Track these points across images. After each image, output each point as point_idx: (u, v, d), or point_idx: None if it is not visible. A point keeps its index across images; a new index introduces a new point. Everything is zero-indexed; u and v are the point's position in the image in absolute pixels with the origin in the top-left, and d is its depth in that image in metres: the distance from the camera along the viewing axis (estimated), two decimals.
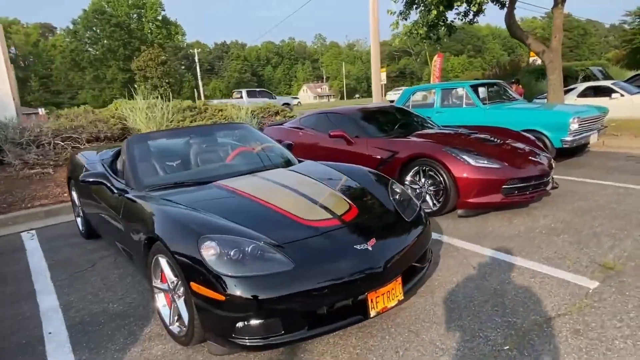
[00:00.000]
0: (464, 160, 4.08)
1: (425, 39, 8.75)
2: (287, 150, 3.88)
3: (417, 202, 2.97)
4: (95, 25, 65.06)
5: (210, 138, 3.87)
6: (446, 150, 4.19)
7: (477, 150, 4.35)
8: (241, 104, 9.69)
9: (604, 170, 6.01)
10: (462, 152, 4.15)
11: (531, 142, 4.91)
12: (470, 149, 4.35)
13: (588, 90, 11.09)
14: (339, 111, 5.72)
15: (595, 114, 6.33)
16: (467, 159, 4.09)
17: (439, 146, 4.31)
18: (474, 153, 4.19)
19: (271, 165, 3.46)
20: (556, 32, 9.27)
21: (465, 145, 4.48)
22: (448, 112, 7.29)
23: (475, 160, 4.09)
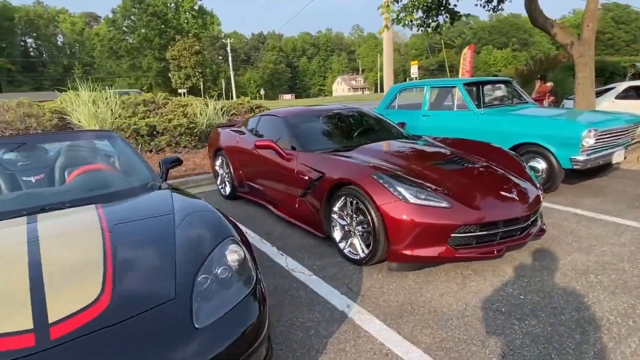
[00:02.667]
0: (398, 193, 2.86)
1: (421, 27, 7.37)
2: (152, 175, 2.83)
3: (254, 283, 1.84)
4: (133, 14, 66.40)
5: (37, 152, 2.87)
6: (376, 178, 2.98)
7: (426, 178, 3.11)
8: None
9: (627, 201, 4.54)
10: (399, 182, 2.93)
11: (516, 166, 3.58)
12: (413, 176, 3.11)
13: (630, 91, 9.27)
14: (277, 113, 4.58)
15: (622, 125, 4.82)
16: (403, 191, 2.86)
17: (369, 170, 3.09)
18: (415, 183, 2.96)
19: (81, 201, 2.41)
20: (589, 19, 7.61)
21: (413, 169, 3.25)
22: (436, 117, 5.96)
23: (415, 194, 2.86)
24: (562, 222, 3.97)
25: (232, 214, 4.78)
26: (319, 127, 4.31)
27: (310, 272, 3.15)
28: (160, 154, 6.99)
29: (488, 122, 5.27)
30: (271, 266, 3.30)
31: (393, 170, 3.15)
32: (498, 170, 3.42)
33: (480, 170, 3.35)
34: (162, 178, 3.00)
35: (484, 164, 3.49)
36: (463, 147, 3.95)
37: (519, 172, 3.49)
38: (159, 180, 2.86)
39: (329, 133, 4.25)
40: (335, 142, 4.07)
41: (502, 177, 3.29)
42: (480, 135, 5.30)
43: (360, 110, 4.80)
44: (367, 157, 3.54)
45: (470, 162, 3.46)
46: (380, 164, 3.33)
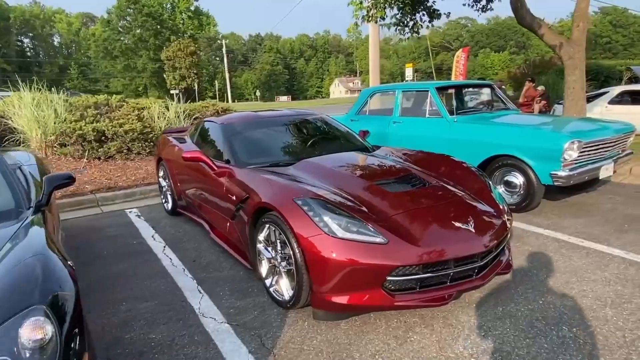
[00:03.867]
0: (324, 224, 2.29)
1: (397, 26, 6.78)
2: None
3: None
4: (128, 14, 65.86)
5: None
6: (299, 204, 2.41)
7: (365, 202, 2.54)
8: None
9: (616, 222, 3.97)
10: (327, 210, 2.35)
11: (478, 186, 3.01)
12: (350, 200, 2.54)
13: (624, 96, 8.73)
14: (217, 119, 4.00)
15: (610, 136, 4.25)
16: (330, 222, 2.29)
17: (293, 193, 2.52)
18: (348, 211, 2.38)
19: None
20: (579, 19, 7.06)
21: (352, 191, 2.67)
22: (407, 124, 5.39)
23: (345, 226, 2.28)
24: (539, 250, 3.40)
25: (167, 232, 4.22)
26: (260, 136, 3.73)
27: (223, 319, 2.57)
28: (109, 162, 6.41)
29: (461, 130, 4.71)
30: (179, 309, 2.72)
31: (326, 192, 2.58)
32: (455, 192, 2.85)
33: (433, 192, 2.77)
34: (42, 201, 2.40)
35: (440, 184, 2.92)
36: (421, 161, 3.38)
37: (481, 193, 2.92)
38: (25, 205, 2.28)
39: (271, 144, 3.67)
40: (276, 155, 3.49)
41: (458, 202, 2.71)
42: (452, 145, 4.74)
43: (316, 117, 4.23)
44: (304, 174, 2.97)
45: (423, 183, 2.88)
46: (314, 183, 2.76)
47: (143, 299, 2.87)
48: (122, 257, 3.63)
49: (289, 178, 2.87)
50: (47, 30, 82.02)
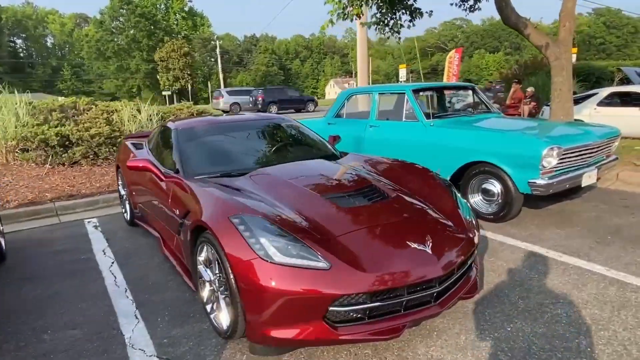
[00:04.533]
0: (260, 246, 2.02)
1: (377, 25, 6.51)
2: None
3: None
4: (121, 15, 65.43)
5: None
6: (235, 222, 2.14)
7: (311, 220, 2.27)
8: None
9: (599, 233, 3.72)
10: (264, 230, 2.08)
11: (443, 198, 2.75)
12: (294, 218, 2.27)
13: (613, 98, 8.51)
14: (172, 125, 3.71)
15: (593, 141, 4.00)
16: (267, 244, 2.02)
17: (229, 210, 2.25)
18: (290, 230, 2.11)
19: None
20: (566, 18, 6.82)
21: (301, 206, 2.40)
22: (384, 128, 5.13)
23: (284, 248, 2.01)
24: (513, 266, 3.14)
25: (120, 246, 3.94)
26: (215, 143, 3.45)
27: (153, 351, 2.29)
28: (74, 168, 6.11)
29: (437, 135, 4.45)
30: (108, 338, 2.43)
31: (270, 208, 2.31)
32: (416, 206, 2.58)
33: (391, 207, 2.51)
34: None
35: (400, 197, 2.65)
36: (386, 170, 3.11)
37: (446, 205, 2.66)
38: None
39: (226, 152, 3.39)
40: (229, 163, 3.21)
41: (417, 218, 2.45)
42: (428, 150, 4.49)
43: (281, 122, 3.95)
44: (254, 185, 2.70)
45: (382, 195, 2.61)
46: (262, 197, 2.49)
47: (72, 325, 2.58)
48: (63, 276, 3.34)
49: (234, 191, 2.60)
50: (40, 31, 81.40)
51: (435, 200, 2.69)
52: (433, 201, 2.69)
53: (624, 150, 6.50)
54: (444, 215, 2.57)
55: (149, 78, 66.56)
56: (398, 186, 2.84)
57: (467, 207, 2.78)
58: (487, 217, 4.10)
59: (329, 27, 5.58)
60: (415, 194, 2.75)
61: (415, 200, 2.66)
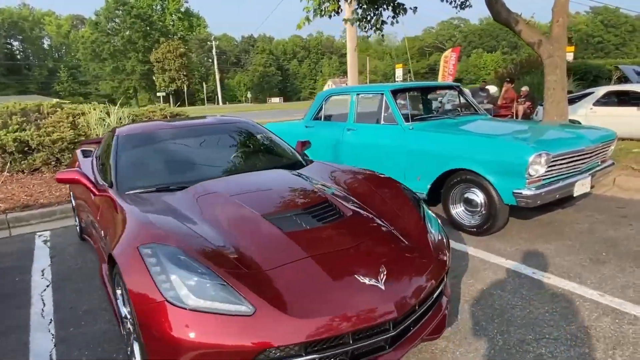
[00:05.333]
0: (169, 285, 1.64)
1: (359, 22, 6.13)
2: None
3: None
4: (117, 16, 65.09)
5: None
6: (144, 254, 1.76)
7: (242, 248, 1.89)
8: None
9: (592, 249, 3.34)
10: (179, 264, 1.71)
11: (409, 215, 2.37)
12: (223, 246, 1.89)
13: (610, 97, 8.14)
14: (117, 130, 3.31)
15: (586, 146, 3.61)
16: (179, 282, 1.65)
17: (141, 238, 1.88)
18: (209, 265, 1.73)
19: None
20: (559, 14, 6.46)
21: (237, 230, 2.02)
22: (362, 131, 4.75)
23: (201, 288, 1.64)
24: (494, 290, 2.76)
25: (63, 265, 3.56)
26: (158, 152, 3.07)
27: None
28: (34, 175, 5.73)
29: (417, 139, 4.07)
30: None
31: (193, 235, 1.93)
32: (374, 226, 2.20)
33: (343, 229, 2.12)
34: None
35: (357, 215, 2.27)
36: (348, 182, 2.73)
37: (410, 224, 2.28)
38: None
39: (169, 162, 3.01)
40: (169, 175, 2.84)
41: (373, 242, 2.07)
42: (407, 156, 4.12)
43: (241, 126, 3.57)
44: (189, 202, 2.32)
45: (335, 215, 2.23)
46: (192, 218, 2.12)
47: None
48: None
49: (164, 210, 2.22)
50: (36, 33, 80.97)
51: (399, 217, 2.32)
52: (397, 218, 2.31)
53: (621, 153, 6.13)
54: (408, 235, 2.19)
55: (145, 79, 66.26)
56: (359, 201, 2.47)
57: (437, 223, 2.41)
58: (470, 230, 3.73)
59: (306, 24, 5.21)
60: (377, 211, 2.37)
61: (375, 218, 2.29)
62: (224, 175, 2.81)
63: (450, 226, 3.94)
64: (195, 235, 1.93)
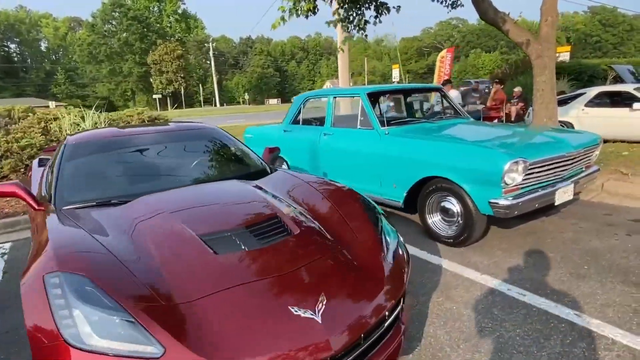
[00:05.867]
0: (70, 322, 1.45)
1: (341, 22, 5.92)
2: None
3: None
4: (113, 18, 64.94)
5: None
6: (48, 285, 1.56)
7: (165, 275, 1.69)
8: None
9: (574, 262, 3.14)
10: (85, 298, 1.51)
11: (363, 232, 2.16)
12: (145, 273, 1.69)
13: (602, 97, 7.95)
14: (67, 138, 3.12)
15: (567, 152, 3.41)
16: (81, 319, 1.45)
17: (50, 265, 1.67)
18: (118, 299, 1.53)
19: None
20: (548, 12, 6.27)
21: (163, 253, 1.82)
22: (338, 136, 4.55)
23: (104, 325, 1.44)
24: (465, 310, 2.56)
25: (13, 283, 3.33)
26: (106, 162, 2.86)
27: None
28: None
29: (392, 145, 3.87)
30: None
31: (113, 262, 1.73)
32: (321, 245, 2.00)
33: (286, 250, 1.92)
34: None
35: (305, 233, 2.06)
36: (305, 194, 2.53)
37: (365, 242, 2.08)
38: None
39: (115, 173, 2.80)
40: (112, 188, 2.63)
41: (318, 265, 1.86)
42: (382, 162, 3.92)
43: (200, 132, 3.37)
44: (124, 220, 2.12)
45: (281, 233, 2.02)
46: (119, 239, 1.92)
47: None
48: None
49: (88, 230, 2.01)
50: (33, 35, 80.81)
51: (353, 235, 2.12)
52: (350, 236, 2.11)
53: (611, 156, 5.94)
54: (360, 255, 1.99)
55: (142, 81, 66.08)
56: (312, 216, 2.26)
57: (396, 240, 2.21)
58: (446, 241, 3.53)
59: (281, 24, 5.01)
60: (330, 227, 2.17)
61: (325, 236, 2.08)
62: (174, 187, 2.61)
63: (427, 236, 3.75)
64: (113, 261, 1.73)
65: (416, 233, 3.89)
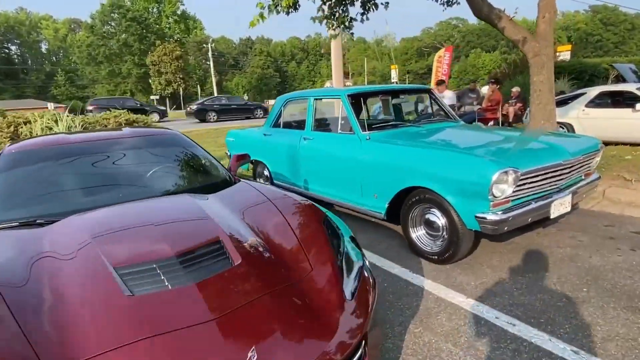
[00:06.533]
0: None
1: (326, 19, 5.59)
2: None
3: None
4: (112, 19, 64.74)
5: None
6: None
7: (46, 329, 1.37)
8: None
9: (573, 282, 2.81)
10: None
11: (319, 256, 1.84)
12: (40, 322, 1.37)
13: (603, 98, 7.61)
14: (5, 147, 2.81)
15: (564, 159, 3.07)
16: None
17: None
18: None
19: None
20: (545, 9, 5.95)
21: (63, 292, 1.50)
22: (318, 141, 4.23)
23: None
24: (444, 343, 2.23)
25: None
26: (41, 174, 2.54)
27: None
28: None
29: (372, 151, 3.54)
30: None
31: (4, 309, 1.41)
32: (264, 278, 1.66)
33: (220, 287, 1.59)
34: None
35: (249, 262, 1.73)
36: (259, 213, 2.20)
37: (318, 275, 1.75)
38: None
39: (52, 186, 2.48)
40: (45, 205, 2.31)
41: (253, 309, 1.53)
42: (363, 170, 3.59)
43: (156, 138, 3.05)
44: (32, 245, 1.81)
45: (220, 262, 1.70)
46: (20, 272, 1.60)
47: None
48: None
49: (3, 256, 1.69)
50: (34, 37, 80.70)
51: (306, 263, 1.79)
52: (302, 264, 1.78)
53: (613, 160, 5.60)
54: (313, 290, 1.67)
55: (141, 82, 65.81)
56: (263, 239, 1.93)
57: (360, 263, 1.89)
58: (431, 258, 3.20)
59: (260, 22, 4.69)
60: (281, 252, 1.84)
61: (271, 266, 1.76)
62: (113, 203, 2.28)
63: (411, 252, 3.42)
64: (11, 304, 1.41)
65: (400, 247, 3.56)
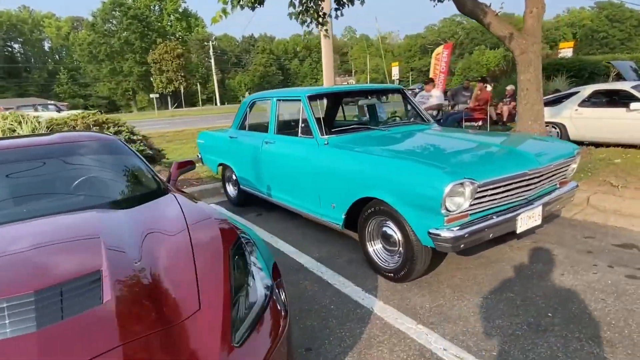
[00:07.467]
0: None
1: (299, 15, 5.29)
2: None
3: None
4: (114, 17, 64.67)
5: None
6: None
7: None
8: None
9: (537, 304, 2.52)
10: None
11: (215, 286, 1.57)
12: None
13: (597, 97, 7.27)
14: None
15: (531, 168, 2.77)
16: None
17: None
18: None
19: None
20: (532, 4, 5.63)
21: None
22: (279, 145, 3.95)
23: None
24: None
25: None
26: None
27: None
28: None
29: (330, 157, 3.26)
30: None
31: None
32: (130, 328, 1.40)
33: (72, 336, 1.33)
34: None
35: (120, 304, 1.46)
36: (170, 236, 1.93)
37: (206, 314, 1.48)
38: None
39: None
40: None
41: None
42: (320, 177, 3.32)
43: (88, 145, 2.79)
44: None
45: (87, 302, 1.43)
46: None
47: None
48: None
49: None
50: (36, 35, 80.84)
51: (198, 298, 1.52)
52: (192, 300, 1.51)
53: (601, 164, 5.28)
54: (198, 332, 1.40)
55: (143, 80, 65.75)
56: (152, 268, 1.66)
57: (261, 302, 1.61)
58: (387, 275, 2.92)
59: (222, 18, 4.42)
60: (169, 287, 1.58)
61: (158, 302, 1.49)
62: (13, 220, 2.03)
63: (369, 267, 3.14)
64: None
65: (360, 262, 3.28)
